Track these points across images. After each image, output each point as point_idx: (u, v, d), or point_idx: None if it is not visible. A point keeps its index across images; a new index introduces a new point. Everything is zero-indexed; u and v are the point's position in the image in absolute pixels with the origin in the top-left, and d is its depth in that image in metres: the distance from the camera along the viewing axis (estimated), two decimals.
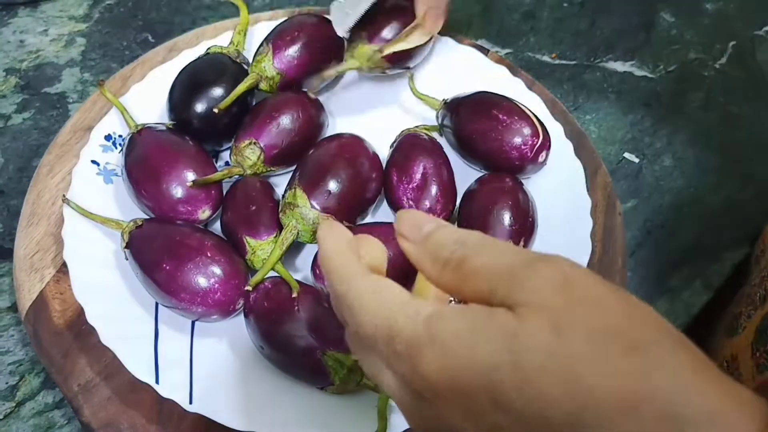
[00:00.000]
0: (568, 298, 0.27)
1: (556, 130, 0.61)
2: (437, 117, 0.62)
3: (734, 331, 0.54)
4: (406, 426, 0.46)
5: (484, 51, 0.69)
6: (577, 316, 0.27)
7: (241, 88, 0.57)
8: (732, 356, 0.52)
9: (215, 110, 0.55)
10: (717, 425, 0.25)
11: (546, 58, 0.76)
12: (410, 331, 0.29)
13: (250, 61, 0.61)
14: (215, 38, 0.64)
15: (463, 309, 0.29)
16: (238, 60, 0.60)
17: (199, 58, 0.61)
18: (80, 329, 0.51)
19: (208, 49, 0.61)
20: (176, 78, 0.59)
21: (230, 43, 0.62)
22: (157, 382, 0.47)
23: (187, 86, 0.58)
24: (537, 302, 0.27)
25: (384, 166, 0.58)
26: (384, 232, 0.48)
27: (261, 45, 0.61)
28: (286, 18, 0.64)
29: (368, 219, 0.57)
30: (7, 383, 0.52)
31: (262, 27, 0.65)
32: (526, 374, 0.26)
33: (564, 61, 0.76)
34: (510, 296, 0.28)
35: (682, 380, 0.26)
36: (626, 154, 0.70)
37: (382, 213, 0.59)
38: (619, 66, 0.76)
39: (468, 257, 0.30)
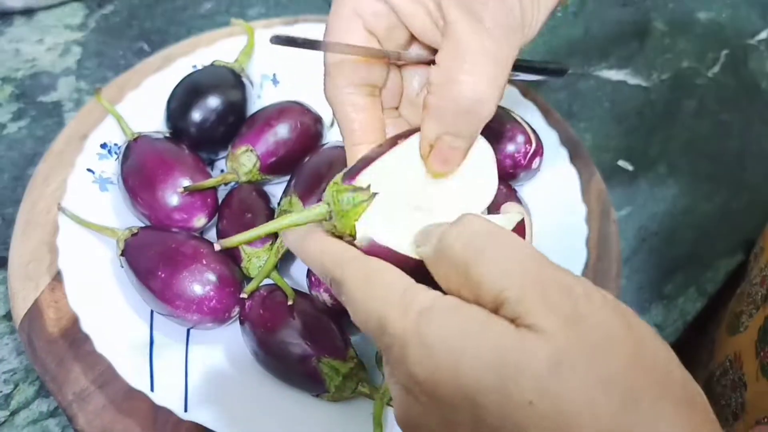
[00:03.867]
0: (577, 334, 0.25)
1: (550, 137, 0.61)
2: None
3: (736, 330, 0.54)
4: None
5: None
6: (581, 357, 0.25)
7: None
8: (735, 354, 0.52)
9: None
10: None
11: None
12: (400, 327, 0.27)
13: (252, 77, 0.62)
14: (210, 47, 0.64)
15: (458, 307, 0.27)
16: (241, 77, 0.60)
17: (203, 68, 0.61)
18: (75, 337, 0.50)
19: (214, 61, 0.61)
20: (177, 86, 0.59)
21: (235, 60, 0.62)
22: (152, 389, 0.47)
23: (187, 94, 0.58)
24: (543, 327, 0.25)
25: None
26: None
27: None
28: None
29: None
30: (1, 392, 0.52)
31: (258, 34, 0.65)
32: (513, 407, 0.25)
33: None
34: (516, 312, 0.26)
35: None
36: (620, 162, 0.70)
37: None
38: (613, 74, 0.77)
39: (475, 263, 0.28)
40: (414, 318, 0.27)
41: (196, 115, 0.57)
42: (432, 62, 0.35)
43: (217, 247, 0.32)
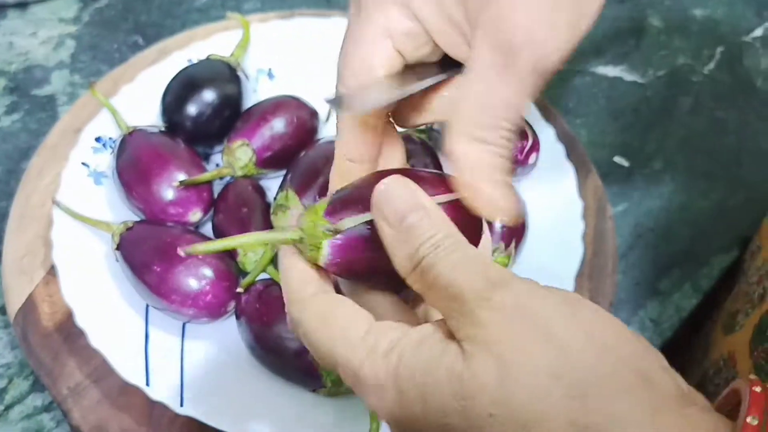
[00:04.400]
0: (517, 334, 0.26)
1: (547, 133, 0.61)
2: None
3: (731, 329, 0.54)
4: None
5: None
6: (524, 357, 0.25)
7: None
8: (729, 354, 0.52)
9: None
10: None
11: None
12: (372, 375, 0.28)
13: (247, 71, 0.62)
14: (205, 41, 0.64)
15: (420, 343, 0.27)
16: (237, 70, 0.60)
17: (198, 62, 0.61)
18: (70, 332, 0.50)
19: (209, 55, 0.61)
20: (172, 80, 0.58)
21: (231, 54, 0.62)
22: (147, 384, 0.47)
23: (183, 88, 0.58)
24: (483, 339, 0.26)
25: None
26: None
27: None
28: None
29: None
30: None
31: (254, 28, 0.65)
32: (473, 422, 0.25)
33: None
34: (460, 329, 0.27)
35: (633, 428, 0.24)
36: (616, 158, 0.70)
37: None
38: (609, 71, 0.77)
39: (434, 266, 0.28)
40: (381, 360, 0.28)
41: (192, 109, 0.56)
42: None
43: (181, 253, 0.31)
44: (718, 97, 0.76)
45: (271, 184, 0.57)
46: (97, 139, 0.57)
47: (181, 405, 0.46)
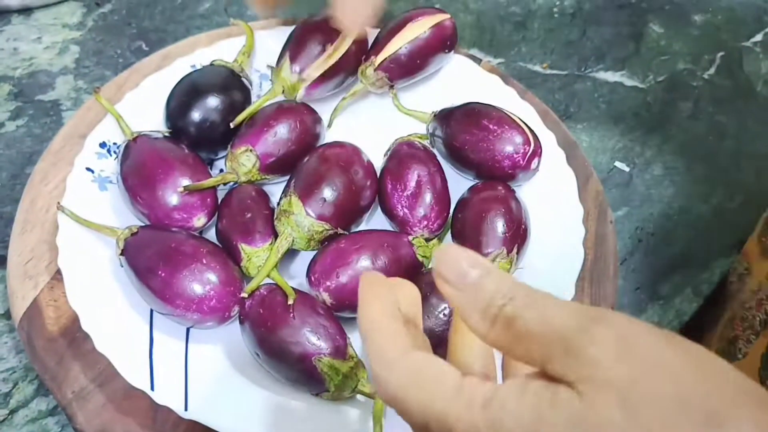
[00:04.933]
0: (631, 366, 0.25)
1: (548, 139, 0.61)
2: (427, 129, 0.62)
3: (733, 356, 0.53)
4: None
5: (477, 60, 0.69)
6: (646, 387, 0.24)
7: (264, 99, 0.59)
8: None
9: (231, 124, 0.57)
10: None
11: (537, 68, 0.77)
12: (468, 424, 0.26)
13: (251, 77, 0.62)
14: (209, 47, 0.64)
15: (522, 390, 0.26)
16: (240, 76, 0.61)
17: (202, 68, 0.61)
18: (74, 336, 0.51)
19: (213, 61, 0.61)
20: (176, 86, 0.59)
21: (234, 60, 0.62)
22: (152, 388, 0.47)
23: (187, 94, 0.58)
24: (599, 377, 0.25)
25: (378, 174, 0.58)
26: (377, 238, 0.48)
27: (280, 55, 0.62)
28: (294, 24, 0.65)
29: (363, 226, 0.57)
30: (0, 391, 0.52)
31: (257, 35, 0.65)
32: None
33: (555, 71, 0.77)
34: (568, 371, 0.26)
35: None
36: (617, 163, 0.70)
37: (376, 220, 0.59)
38: (609, 76, 0.77)
39: (518, 316, 0.27)
40: (481, 412, 0.26)
41: (196, 115, 0.57)
42: None
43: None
44: (718, 102, 0.77)
45: (275, 189, 0.58)
46: (102, 145, 0.58)
47: (186, 409, 0.46)
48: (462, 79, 0.66)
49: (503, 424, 0.26)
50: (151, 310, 0.51)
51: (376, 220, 0.59)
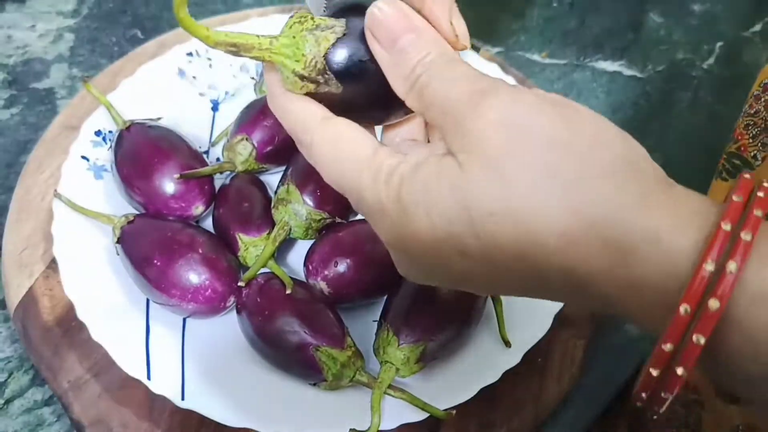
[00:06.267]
0: (508, 136, 0.27)
1: None
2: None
3: (736, 399, 0.52)
4: (401, 421, 0.46)
5: (476, 49, 0.69)
6: (517, 155, 0.27)
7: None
8: (748, 427, 0.50)
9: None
10: (660, 243, 0.25)
11: (536, 57, 0.76)
12: (373, 196, 0.29)
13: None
14: None
15: (417, 164, 0.29)
16: None
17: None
18: (70, 326, 0.50)
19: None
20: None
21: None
22: (148, 378, 0.47)
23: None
24: (476, 147, 0.27)
25: None
26: None
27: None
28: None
29: (361, 215, 0.56)
30: None
31: (254, 23, 0.65)
32: (477, 224, 0.27)
33: (554, 60, 0.76)
34: (454, 142, 0.28)
35: (626, 210, 0.26)
36: None
37: None
38: (608, 65, 0.77)
39: (429, 84, 0.29)
40: (383, 185, 0.29)
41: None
42: None
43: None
44: (718, 92, 0.76)
45: (272, 178, 0.57)
46: (97, 133, 0.57)
47: (182, 398, 0.46)
48: None
49: (400, 198, 0.29)
50: (148, 300, 0.51)
51: None
